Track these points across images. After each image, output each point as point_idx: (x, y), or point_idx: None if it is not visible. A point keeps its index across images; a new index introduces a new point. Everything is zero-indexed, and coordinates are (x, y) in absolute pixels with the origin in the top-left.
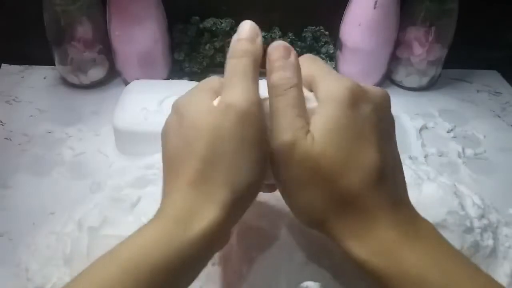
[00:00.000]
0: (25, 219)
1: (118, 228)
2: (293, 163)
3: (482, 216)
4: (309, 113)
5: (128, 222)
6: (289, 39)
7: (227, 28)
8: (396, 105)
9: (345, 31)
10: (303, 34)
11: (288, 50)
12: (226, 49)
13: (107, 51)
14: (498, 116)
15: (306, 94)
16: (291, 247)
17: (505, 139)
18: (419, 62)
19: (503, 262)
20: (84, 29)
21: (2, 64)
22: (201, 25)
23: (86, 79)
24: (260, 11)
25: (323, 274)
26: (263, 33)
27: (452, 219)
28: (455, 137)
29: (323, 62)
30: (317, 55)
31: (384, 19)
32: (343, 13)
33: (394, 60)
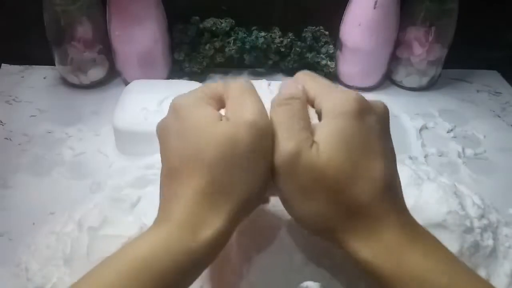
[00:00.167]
0: (25, 219)
1: (118, 228)
2: (298, 173)
3: (482, 216)
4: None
5: (128, 222)
6: (289, 39)
7: (227, 28)
8: (396, 105)
9: (345, 31)
10: (303, 34)
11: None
12: (226, 49)
13: (107, 51)
14: (498, 116)
15: (308, 110)
16: (291, 247)
17: (505, 139)
18: (419, 62)
19: (503, 262)
20: (84, 29)
21: (2, 64)
22: (201, 25)
23: (86, 79)
24: (260, 11)
25: (323, 274)
26: (263, 33)
27: (452, 219)
28: (455, 137)
29: (322, 77)
30: (317, 55)
31: (384, 19)
32: (343, 13)
33: (394, 60)
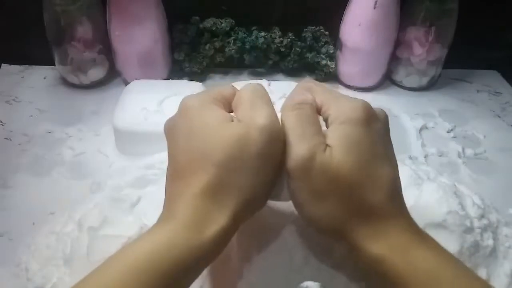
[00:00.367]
0: (25, 219)
1: (118, 228)
2: (312, 176)
3: (482, 216)
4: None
5: (128, 222)
6: (289, 39)
7: (227, 28)
8: (396, 105)
9: (345, 31)
10: (303, 34)
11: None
12: (226, 49)
13: (107, 51)
14: (498, 116)
15: None
16: (291, 247)
17: (505, 139)
18: (419, 62)
19: (503, 262)
20: (84, 29)
21: (2, 64)
22: (201, 25)
23: (86, 79)
24: (260, 11)
25: (323, 274)
26: (263, 33)
27: (452, 219)
28: (455, 137)
29: (325, 85)
30: (317, 55)
31: (384, 19)
32: (343, 13)
33: (394, 60)
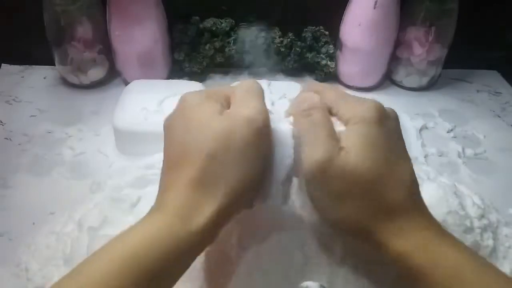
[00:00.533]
0: (25, 219)
1: (118, 228)
2: (330, 179)
3: (482, 216)
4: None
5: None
6: (289, 39)
7: (227, 28)
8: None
9: (345, 31)
10: (303, 34)
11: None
12: (226, 49)
13: (107, 51)
14: (498, 116)
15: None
16: (291, 247)
17: (505, 139)
18: (419, 62)
19: (503, 262)
20: (84, 29)
21: (2, 64)
22: (201, 25)
23: (86, 79)
24: (260, 11)
25: (323, 274)
26: (263, 33)
27: (452, 219)
28: (455, 137)
29: (331, 86)
30: (317, 55)
31: (384, 19)
32: (343, 13)
33: (394, 60)
